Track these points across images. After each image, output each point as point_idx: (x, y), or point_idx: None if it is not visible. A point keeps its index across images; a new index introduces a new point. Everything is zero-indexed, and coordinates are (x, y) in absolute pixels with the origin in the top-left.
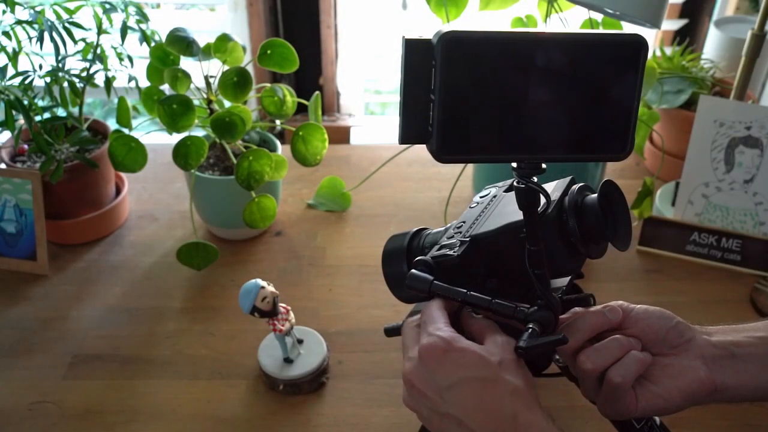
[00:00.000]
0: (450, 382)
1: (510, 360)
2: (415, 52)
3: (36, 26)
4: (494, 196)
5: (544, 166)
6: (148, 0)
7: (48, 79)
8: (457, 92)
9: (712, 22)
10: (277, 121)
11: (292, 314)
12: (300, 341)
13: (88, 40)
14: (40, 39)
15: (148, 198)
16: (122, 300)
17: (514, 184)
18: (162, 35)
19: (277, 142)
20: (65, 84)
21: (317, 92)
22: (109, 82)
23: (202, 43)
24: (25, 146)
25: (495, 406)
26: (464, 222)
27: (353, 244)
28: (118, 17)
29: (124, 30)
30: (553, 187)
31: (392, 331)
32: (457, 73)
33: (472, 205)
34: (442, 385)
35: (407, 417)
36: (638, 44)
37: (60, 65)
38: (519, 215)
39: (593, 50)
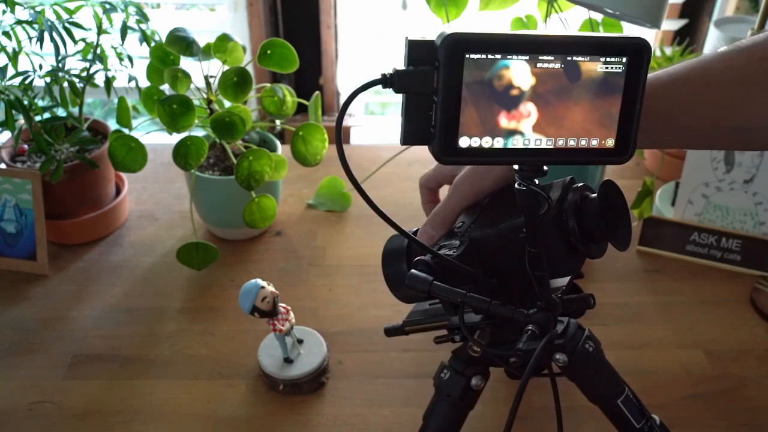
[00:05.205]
0: None
1: None
2: (418, 53)
3: (36, 26)
4: (494, 196)
5: (546, 168)
6: (148, 0)
7: (48, 79)
8: (459, 94)
9: (712, 22)
10: (277, 121)
11: (292, 314)
12: (300, 341)
13: (88, 40)
14: (40, 39)
15: (148, 198)
16: (122, 300)
17: (515, 186)
18: (162, 35)
19: (277, 142)
20: (65, 84)
21: (317, 92)
22: (109, 82)
23: (202, 43)
24: (25, 146)
25: None
26: (464, 222)
27: (353, 244)
28: (118, 17)
29: (124, 30)
30: (553, 187)
31: (392, 331)
32: (460, 74)
33: None
34: None
35: (407, 417)
36: (641, 47)
37: (60, 65)
38: (519, 215)
39: (596, 53)
